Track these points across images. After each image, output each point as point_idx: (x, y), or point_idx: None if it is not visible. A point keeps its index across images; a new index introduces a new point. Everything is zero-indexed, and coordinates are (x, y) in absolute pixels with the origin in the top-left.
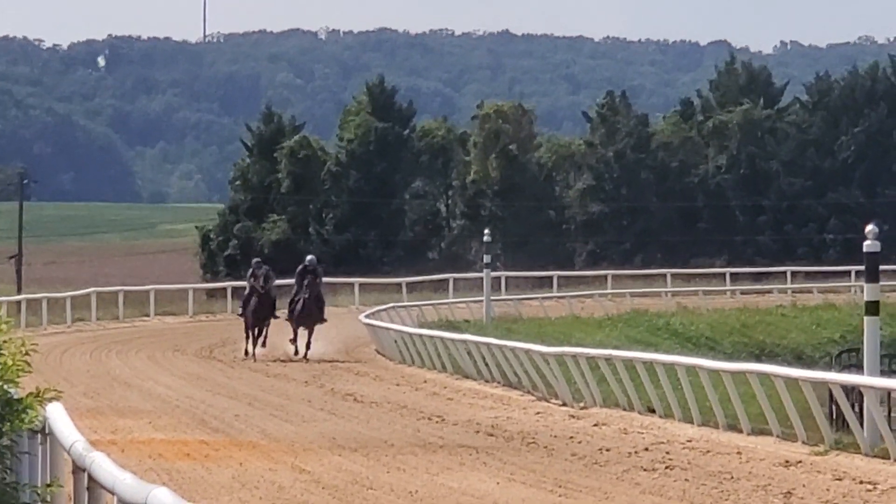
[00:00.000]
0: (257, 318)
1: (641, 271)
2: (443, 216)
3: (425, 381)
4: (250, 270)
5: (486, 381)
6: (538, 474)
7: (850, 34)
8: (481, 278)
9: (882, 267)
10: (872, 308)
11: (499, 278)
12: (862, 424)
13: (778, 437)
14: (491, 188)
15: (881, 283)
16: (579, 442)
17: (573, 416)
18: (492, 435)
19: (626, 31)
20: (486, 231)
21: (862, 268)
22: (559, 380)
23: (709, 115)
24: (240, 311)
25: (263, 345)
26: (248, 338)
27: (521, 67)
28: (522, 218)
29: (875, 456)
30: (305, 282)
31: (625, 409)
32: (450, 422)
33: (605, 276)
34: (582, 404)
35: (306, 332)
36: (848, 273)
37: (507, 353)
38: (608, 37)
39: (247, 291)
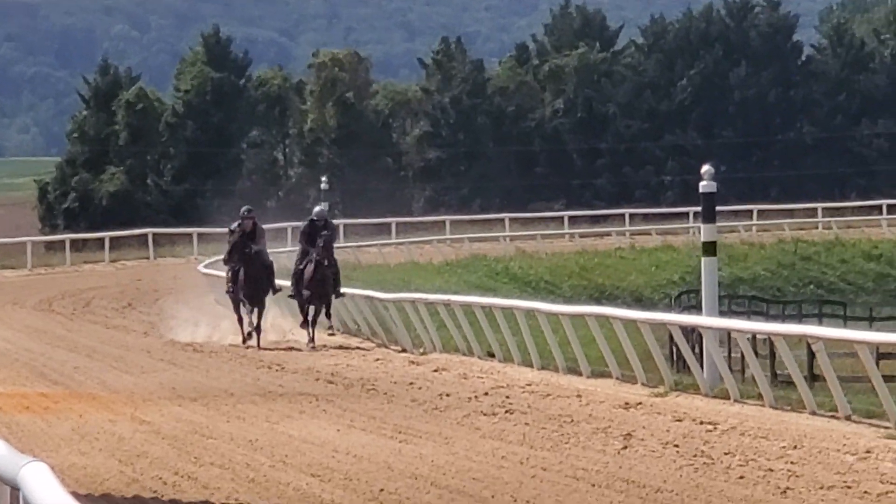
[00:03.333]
0: (251, 292)
1: (479, 216)
2: (280, 165)
3: (264, 330)
4: (236, 223)
5: (327, 329)
6: (378, 421)
7: None
8: None
9: (719, 208)
10: (710, 249)
11: (337, 226)
12: (702, 365)
13: (618, 379)
14: (328, 136)
15: (718, 223)
16: (419, 388)
17: (413, 362)
18: (331, 382)
19: None
20: (324, 179)
21: (699, 209)
22: (398, 326)
23: (544, 59)
24: (228, 285)
25: (256, 329)
26: (241, 319)
27: (356, 16)
28: (360, 165)
29: (715, 396)
30: (320, 242)
31: (464, 355)
32: (289, 370)
33: (444, 222)
34: (421, 350)
35: (312, 309)
36: (686, 214)
37: (346, 300)
38: None
39: (229, 251)
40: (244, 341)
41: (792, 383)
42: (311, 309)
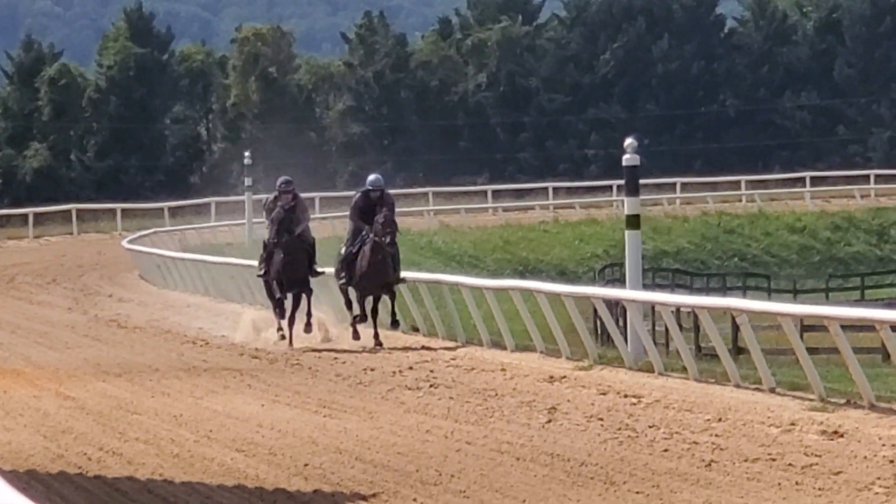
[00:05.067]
0: (291, 279)
1: (403, 190)
2: (204, 140)
3: (188, 306)
4: (272, 196)
5: (250, 304)
6: (303, 395)
7: None
8: (243, 201)
9: (642, 181)
10: (633, 222)
11: (260, 201)
12: (626, 339)
13: (542, 353)
14: (251, 111)
15: (642, 196)
16: (343, 362)
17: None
18: (256, 357)
19: None
20: (247, 154)
21: (623, 182)
22: (323, 302)
23: (467, 33)
24: (260, 269)
25: (308, 326)
26: (279, 310)
27: None
28: (283, 140)
29: (639, 370)
30: (380, 218)
31: (388, 329)
32: (213, 345)
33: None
34: (345, 323)
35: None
36: (609, 188)
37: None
38: None
39: (276, 230)
40: (282, 334)
41: (716, 356)
42: (370, 300)
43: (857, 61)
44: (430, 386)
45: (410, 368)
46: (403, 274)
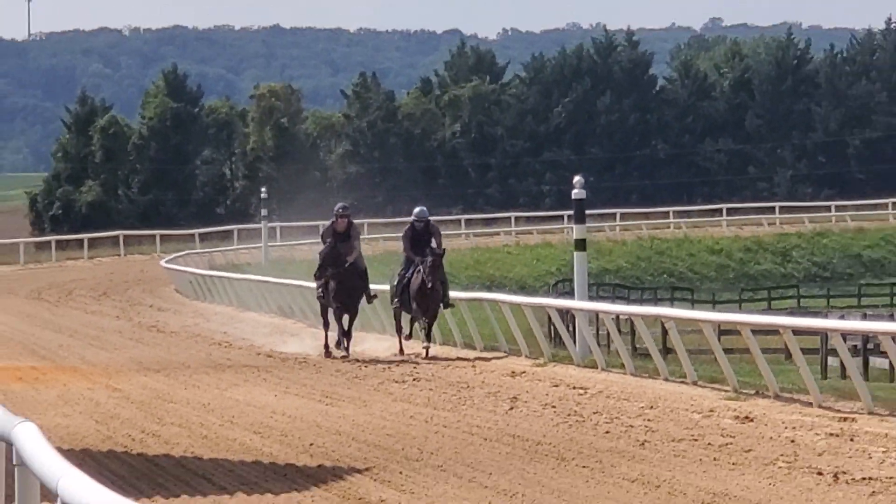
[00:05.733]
0: (344, 299)
1: (392, 220)
2: (228, 178)
3: (215, 314)
4: (329, 222)
5: (266, 312)
6: (308, 387)
7: (560, 21)
8: (260, 228)
9: (588, 211)
10: (581, 245)
11: (274, 228)
12: (574, 341)
13: (506, 352)
14: (266, 154)
15: (588, 224)
16: (342, 362)
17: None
18: (270, 357)
19: (375, 22)
20: (263, 189)
21: (572, 212)
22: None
23: (445, 90)
24: (318, 290)
25: (347, 336)
26: (327, 328)
27: (289, 55)
28: (293, 178)
29: (585, 366)
30: (429, 259)
31: (379, 333)
32: (235, 346)
33: (363, 225)
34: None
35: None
36: (562, 217)
37: (283, 289)
38: (361, 28)
39: (320, 265)
40: (328, 352)
41: (649, 355)
42: (421, 322)
43: (764, 113)
44: (414, 379)
45: (397, 365)
46: None
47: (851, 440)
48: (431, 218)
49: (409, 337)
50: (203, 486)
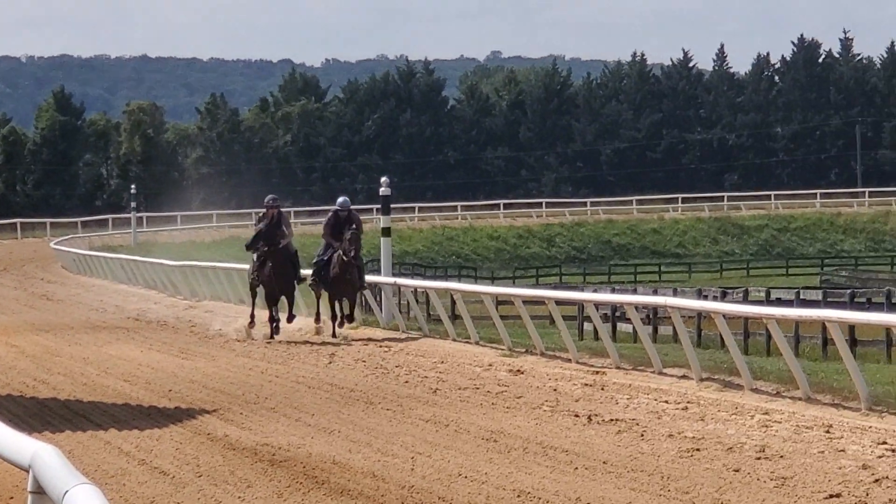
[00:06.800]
0: (280, 285)
1: (235, 211)
2: (104, 177)
3: (94, 286)
4: (262, 213)
5: (135, 285)
6: (168, 345)
7: (371, 52)
8: (130, 217)
9: (392, 205)
10: (386, 232)
11: (142, 217)
12: (381, 308)
13: (326, 318)
14: (136, 158)
15: (392, 216)
16: (195, 324)
17: (192, 307)
18: (137, 320)
19: (224, 53)
20: (133, 186)
21: (380, 206)
22: (181, 283)
23: (279, 108)
24: (252, 275)
25: (289, 319)
26: (270, 317)
27: (154, 79)
28: (157, 177)
29: (390, 329)
30: (348, 235)
31: (225, 302)
32: (109, 312)
33: (212, 215)
34: (197, 298)
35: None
36: (371, 209)
37: (147, 266)
38: (212, 57)
39: (254, 236)
40: (248, 333)
41: (440, 320)
42: (338, 304)
43: (534, 127)
44: (251, 339)
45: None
46: None
47: (602, 389)
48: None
49: (320, 318)
50: (83, 423)
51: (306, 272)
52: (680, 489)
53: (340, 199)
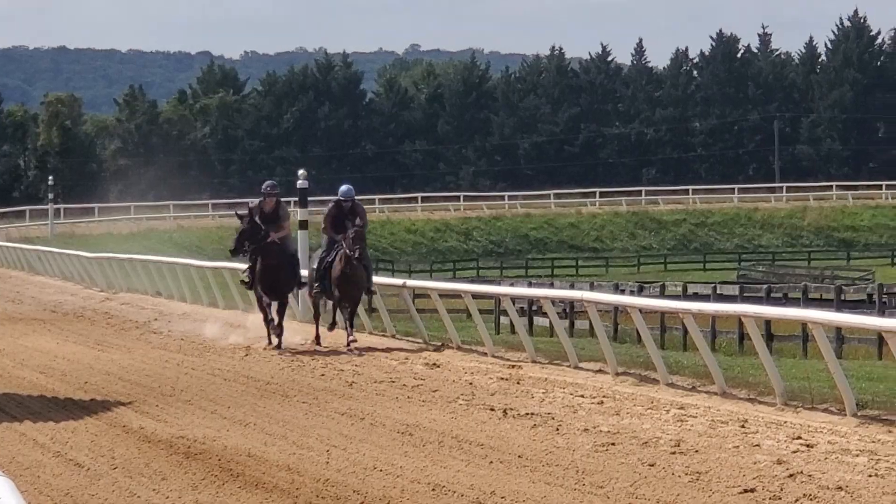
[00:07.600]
0: (270, 284)
1: (153, 203)
2: (22, 169)
3: (10, 277)
4: (258, 202)
5: (51, 276)
6: (84, 336)
7: (290, 45)
8: (48, 209)
9: (310, 198)
10: (304, 225)
11: (59, 209)
12: (298, 302)
13: (241, 310)
14: (53, 150)
15: (309, 209)
16: (111, 315)
17: (108, 298)
18: (54, 311)
19: (142, 44)
20: (51, 178)
21: (297, 199)
22: (98, 275)
23: (197, 100)
24: (246, 275)
25: (278, 327)
26: (266, 318)
27: (73, 70)
28: (75, 169)
29: (305, 322)
30: (351, 232)
31: (142, 294)
32: (26, 303)
33: (130, 207)
34: (114, 290)
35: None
36: (290, 202)
37: (64, 257)
38: (131, 49)
39: (237, 239)
40: (270, 341)
41: (356, 314)
42: (345, 310)
43: (452, 121)
44: (168, 331)
45: (156, 320)
46: None
47: (518, 383)
48: (185, 202)
49: (334, 326)
50: None
51: (305, 273)
52: (595, 483)
53: (343, 188)
